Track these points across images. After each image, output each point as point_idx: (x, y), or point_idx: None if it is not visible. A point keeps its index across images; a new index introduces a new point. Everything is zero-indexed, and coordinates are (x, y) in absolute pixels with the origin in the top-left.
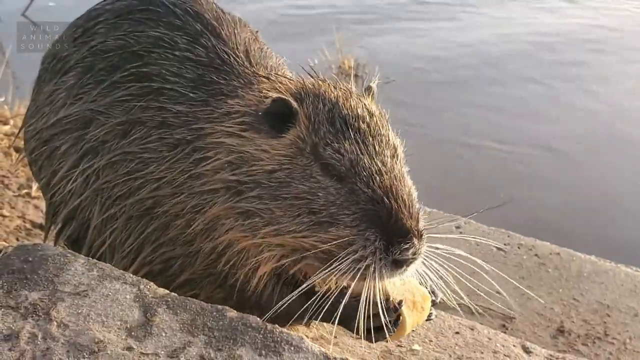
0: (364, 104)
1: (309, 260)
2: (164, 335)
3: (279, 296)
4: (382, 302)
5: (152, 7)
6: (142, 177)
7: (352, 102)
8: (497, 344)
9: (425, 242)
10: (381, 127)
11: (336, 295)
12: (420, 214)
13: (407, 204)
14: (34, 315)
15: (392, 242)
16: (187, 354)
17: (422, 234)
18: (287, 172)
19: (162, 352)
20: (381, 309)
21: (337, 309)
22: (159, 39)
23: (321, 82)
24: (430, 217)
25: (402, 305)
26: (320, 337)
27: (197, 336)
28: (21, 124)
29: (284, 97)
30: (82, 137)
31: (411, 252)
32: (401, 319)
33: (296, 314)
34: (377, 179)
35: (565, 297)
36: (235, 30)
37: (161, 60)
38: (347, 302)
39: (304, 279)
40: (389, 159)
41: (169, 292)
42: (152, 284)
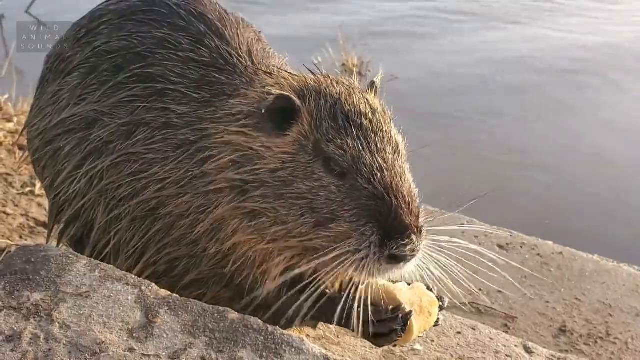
0: (367, 100)
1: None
2: (165, 336)
3: (287, 298)
4: (389, 309)
5: (155, 7)
6: (146, 177)
7: (355, 98)
8: (499, 344)
9: (424, 239)
10: (383, 124)
11: (344, 298)
12: (420, 211)
13: (407, 200)
14: (36, 316)
15: (390, 237)
16: (189, 355)
17: (421, 231)
18: (290, 170)
19: (164, 353)
20: (390, 314)
21: (343, 311)
22: (162, 39)
23: (323, 78)
24: (433, 216)
25: (411, 315)
26: (322, 337)
27: (199, 338)
28: (25, 122)
29: (286, 93)
30: (86, 137)
31: (409, 248)
32: (409, 325)
33: (304, 317)
34: (379, 175)
35: (567, 296)
36: (238, 30)
37: (165, 61)
38: (351, 306)
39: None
40: (390, 156)
41: (170, 293)
42: (153, 285)
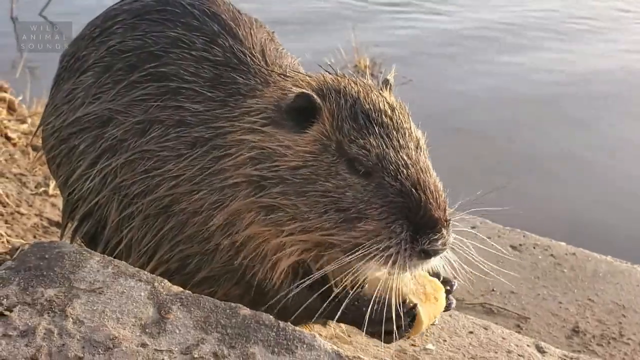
0: (385, 97)
1: (335, 253)
2: (177, 332)
3: (296, 294)
4: (400, 305)
5: (169, 7)
6: (159, 175)
7: (373, 96)
8: (511, 344)
9: (452, 232)
10: (403, 121)
11: (353, 297)
12: (446, 204)
13: (434, 195)
14: (50, 311)
15: (421, 232)
16: (201, 350)
17: (449, 224)
18: (313, 169)
19: (176, 348)
20: (395, 311)
21: (353, 310)
22: (176, 39)
23: (341, 77)
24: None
25: (416, 307)
26: (334, 336)
27: (211, 333)
28: (39, 122)
29: (307, 91)
30: (101, 135)
31: (440, 242)
32: (416, 318)
33: (313, 314)
34: (404, 171)
35: (580, 297)
36: (251, 30)
37: (179, 60)
38: (360, 304)
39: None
40: (413, 152)
41: (182, 289)
42: (166, 281)
